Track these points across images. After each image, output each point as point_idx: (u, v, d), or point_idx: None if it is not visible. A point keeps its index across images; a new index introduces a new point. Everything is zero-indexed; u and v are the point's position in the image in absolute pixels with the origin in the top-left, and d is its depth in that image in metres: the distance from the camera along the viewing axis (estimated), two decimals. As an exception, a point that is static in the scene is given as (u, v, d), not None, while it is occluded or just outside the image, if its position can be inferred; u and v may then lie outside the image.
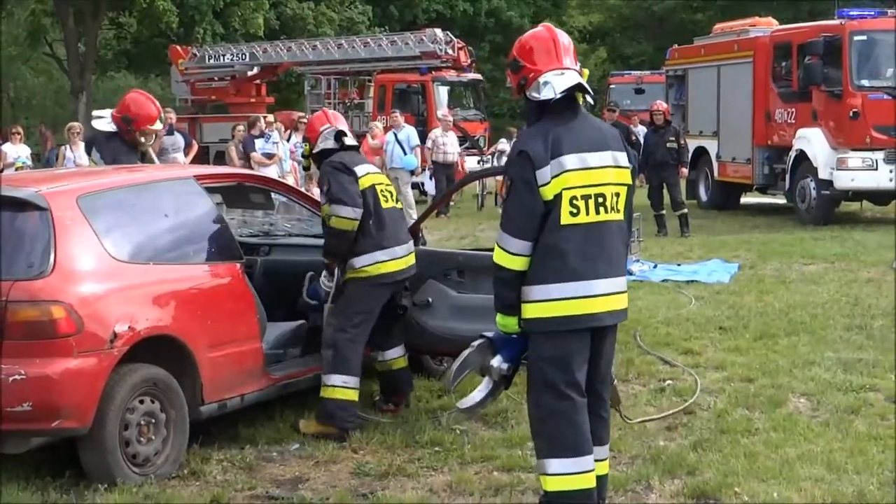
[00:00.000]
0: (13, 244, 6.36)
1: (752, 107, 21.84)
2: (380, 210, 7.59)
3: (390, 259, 7.56)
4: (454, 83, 29.64)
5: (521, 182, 5.40)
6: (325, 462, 6.90)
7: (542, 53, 5.59)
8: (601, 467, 5.67)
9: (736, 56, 22.57)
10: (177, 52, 34.47)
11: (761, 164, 21.65)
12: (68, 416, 6.15)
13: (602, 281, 5.43)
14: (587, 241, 5.40)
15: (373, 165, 7.89)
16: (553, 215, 5.37)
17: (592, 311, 5.41)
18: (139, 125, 9.20)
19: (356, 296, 7.54)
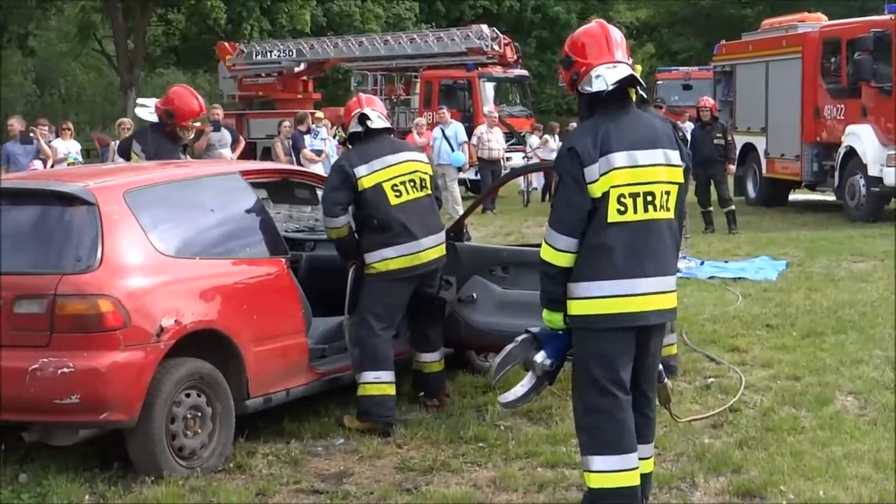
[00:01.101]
0: (61, 238, 6.45)
1: (800, 103, 21.67)
2: (387, 209, 7.51)
3: (399, 255, 7.51)
4: (500, 79, 29.60)
5: (570, 179, 5.38)
6: (370, 457, 6.91)
7: (594, 48, 5.57)
8: (645, 465, 5.66)
9: (784, 52, 22.39)
10: (224, 49, 34.65)
11: (810, 160, 21.47)
12: (116, 409, 6.21)
13: (649, 280, 5.40)
14: (634, 240, 5.37)
15: (389, 156, 7.66)
16: (600, 213, 5.35)
17: (638, 310, 5.39)
18: (180, 120, 9.23)
19: (372, 291, 7.57)
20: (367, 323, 7.51)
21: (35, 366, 6.08)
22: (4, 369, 6.15)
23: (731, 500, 5.95)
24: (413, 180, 7.70)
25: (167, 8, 45.59)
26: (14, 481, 6.42)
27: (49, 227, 6.55)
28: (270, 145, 23.48)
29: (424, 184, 7.77)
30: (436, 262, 7.69)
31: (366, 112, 7.75)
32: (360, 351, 7.53)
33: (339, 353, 7.80)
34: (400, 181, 7.64)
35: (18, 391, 6.12)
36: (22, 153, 17.91)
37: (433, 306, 7.83)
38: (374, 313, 7.52)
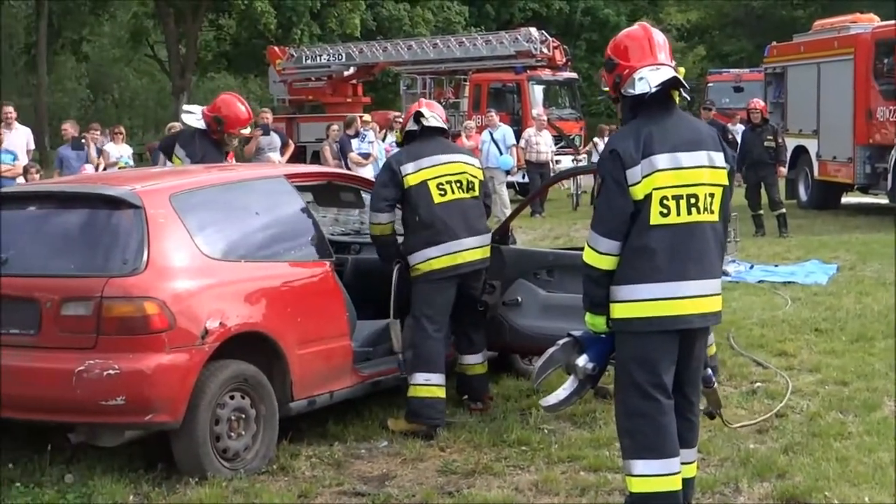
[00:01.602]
0: (108, 241, 6.53)
1: (853, 105, 21.45)
2: (430, 207, 7.57)
3: (442, 255, 7.54)
4: (549, 82, 29.55)
5: (612, 181, 5.37)
6: (413, 460, 6.93)
7: (637, 50, 5.55)
8: (688, 470, 5.62)
9: (836, 53, 22.20)
10: (274, 53, 34.83)
11: (863, 163, 21.26)
12: (160, 410, 6.25)
13: (692, 283, 5.37)
14: (677, 242, 5.34)
15: (440, 155, 7.73)
16: (643, 215, 5.32)
17: (681, 313, 5.35)
18: (228, 127, 9.31)
19: (419, 293, 7.61)
20: (421, 325, 7.55)
21: (81, 367, 6.14)
22: (52, 371, 6.23)
23: (768, 503, 5.92)
24: (460, 181, 7.72)
25: (218, 13, 45.98)
26: (60, 481, 6.47)
27: (96, 229, 6.62)
28: (319, 149, 23.59)
29: (472, 186, 7.79)
30: (478, 263, 7.70)
31: (422, 111, 7.85)
32: (413, 353, 7.56)
33: (383, 356, 7.82)
34: (446, 180, 7.67)
35: (65, 392, 6.17)
36: (74, 157, 18.12)
37: (476, 308, 7.84)
38: (426, 315, 7.56)
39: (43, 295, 6.35)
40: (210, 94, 55.54)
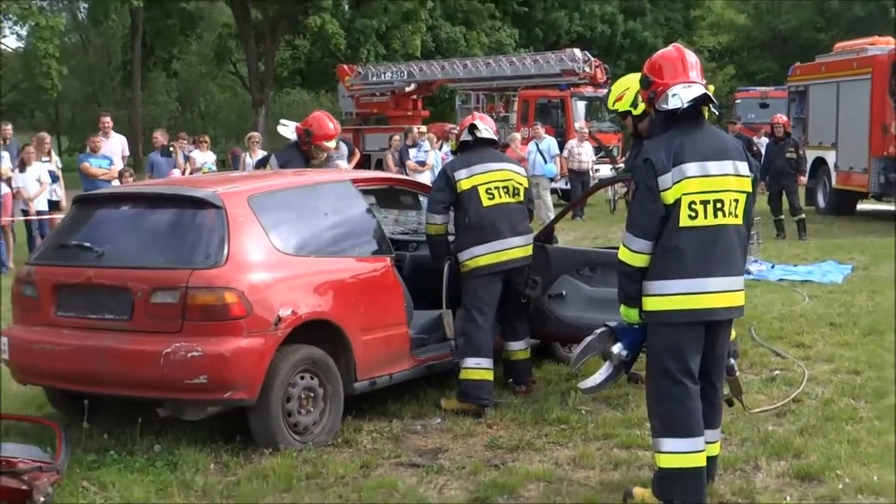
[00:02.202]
0: (193, 237, 6.59)
1: (869, 120, 21.19)
2: (479, 209, 7.60)
3: (488, 252, 7.57)
4: (591, 98, 29.40)
5: (645, 187, 5.38)
6: (463, 435, 6.95)
7: (671, 69, 5.56)
8: (712, 448, 5.63)
9: (855, 73, 21.95)
10: (343, 71, 34.98)
11: (877, 173, 21.00)
12: (238, 388, 6.32)
13: (716, 279, 5.36)
14: (704, 243, 5.34)
15: (490, 163, 7.78)
16: (673, 218, 5.33)
17: (706, 307, 5.36)
18: (316, 140, 9.38)
19: (469, 287, 7.65)
20: (472, 316, 7.59)
21: (168, 349, 6.22)
22: (142, 353, 6.32)
23: (792, 482, 5.86)
24: (507, 187, 7.75)
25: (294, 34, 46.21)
26: (149, 450, 6.57)
27: (182, 227, 6.69)
28: (382, 157, 23.69)
29: (518, 192, 7.81)
30: (521, 261, 7.72)
31: (476, 123, 7.91)
32: (464, 340, 7.59)
33: (437, 343, 7.85)
34: (494, 186, 7.70)
35: (154, 371, 6.26)
36: (164, 163, 18.28)
37: (520, 301, 7.86)
38: (476, 308, 7.59)
39: (135, 285, 6.43)
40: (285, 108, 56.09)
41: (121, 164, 17.38)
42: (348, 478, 6.11)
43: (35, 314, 6.91)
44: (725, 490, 5.73)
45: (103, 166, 16.64)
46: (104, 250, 6.74)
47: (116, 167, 16.94)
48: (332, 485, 5.99)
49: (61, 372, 6.70)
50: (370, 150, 30.12)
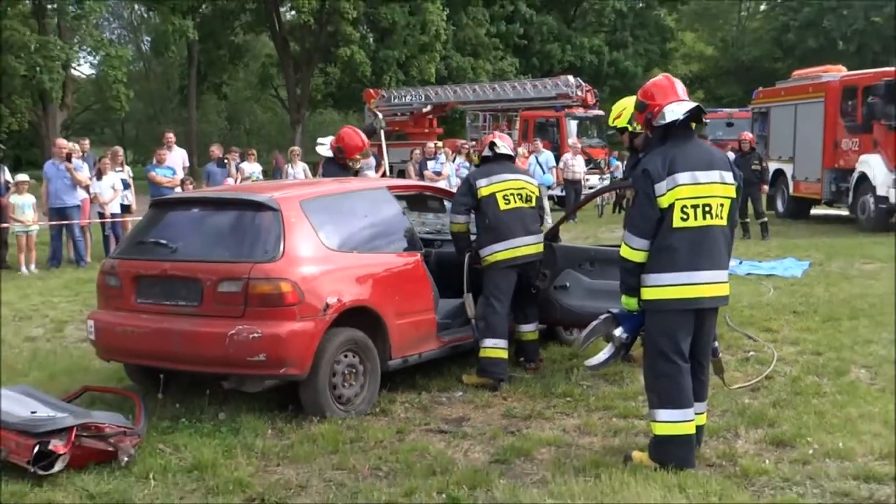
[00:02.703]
0: (253, 235, 6.59)
1: (822, 137, 21.14)
2: (496, 212, 7.60)
3: (505, 249, 7.56)
4: (582, 118, 29.40)
5: (643, 194, 5.38)
6: (482, 406, 6.94)
7: (662, 92, 5.57)
8: (700, 419, 5.63)
9: (810, 96, 21.87)
10: (369, 94, 34.92)
11: (829, 183, 20.96)
12: (292, 365, 6.33)
13: (704, 272, 5.36)
14: (694, 241, 5.34)
15: (507, 174, 7.78)
16: (667, 220, 5.33)
17: (696, 296, 5.36)
18: (348, 154, 9.36)
19: (488, 278, 7.63)
20: (490, 303, 7.59)
21: (232, 331, 6.23)
22: (210, 334, 6.32)
23: (768, 447, 5.84)
24: (521, 194, 7.75)
25: (326, 63, 46.19)
26: (215, 418, 6.59)
27: (244, 227, 6.68)
28: (404, 168, 23.65)
29: (530, 199, 7.81)
30: (533, 256, 7.71)
31: (495, 141, 7.96)
32: (483, 324, 7.58)
33: (460, 326, 7.83)
34: (510, 193, 7.70)
35: (220, 350, 6.27)
36: (219, 173, 18.30)
37: (530, 291, 7.85)
38: (494, 296, 7.59)
39: (204, 276, 6.43)
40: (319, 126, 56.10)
41: (182, 174, 17.39)
42: (386, 442, 6.11)
43: (117, 301, 6.92)
44: (711, 454, 5.70)
45: (168, 175, 16.64)
46: (177, 246, 6.75)
47: (179, 176, 16.96)
48: (373, 448, 5.98)
49: (140, 350, 6.71)
50: (392, 162, 29.91)
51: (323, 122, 59.40)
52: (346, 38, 41.45)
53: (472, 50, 47.19)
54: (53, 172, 15.85)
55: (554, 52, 50.16)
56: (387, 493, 5.15)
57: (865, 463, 5.48)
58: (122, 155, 18.16)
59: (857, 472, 5.32)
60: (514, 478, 5.39)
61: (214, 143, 23.47)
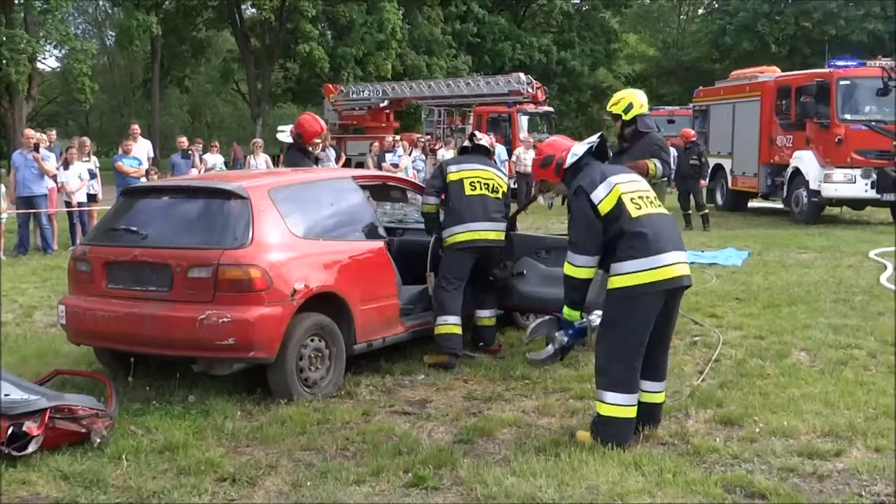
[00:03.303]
0: (223, 223, 6.46)
1: (759, 134, 21.37)
2: (461, 196, 7.59)
3: (464, 231, 7.54)
4: (532, 114, 29.37)
5: (580, 212, 5.47)
6: (444, 389, 6.89)
7: (558, 145, 5.91)
8: (659, 396, 5.67)
9: (747, 95, 22.11)
10: (328, 89, 34.63)
11: (765, 177, 21.21)
12: (260, 349, 6.24)
13: (671, 253, 5.38)
14: (655, 226, 5.38)
15: (479, 165, 7.79)
16: (623, 214, 5.33)
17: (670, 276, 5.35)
18: (306, 139, 9.26)
19: (445, 259, 7.62)
20: (443, 284, 7.58)
21: (202, 316, 6.11)
22: (181, 319, 6.20)
23: (717, 426, 5.86)
24: (488, 183, 7.73)
25: (286, 59, 45.82)
26: (185, 400, 6.46)
27: (213, 214, 6.55)
28: (362, 160, 23.54)
29: (497, 188, 7.78)
30: (492, 243, 7.67)
31: (475, 133, 8.08)
32: (437, 303, 7.57)
33: (421, 311, 7.78)
34: (477, 181, 7.69)
35: (190, 334, 6.15)
36: (183, 163, 18.07)
37: (488, 279, 7.82)
38: (447, 278, 7.58)
39: (174, 262, 6.31)
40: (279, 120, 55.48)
41: (147, 164, 17.11)
42: (352, 423, 6.03)
43: (88, 286, 6.76)
44: (664, 433, 5.70)
45: (134, 165, 16.34)
46: (148, 233, 6.60)
47: (144, 166, 16.68)
48: (340, 429, 5.91)
49: (111, 334, 6.56)
50: (351, 155, 29.85)
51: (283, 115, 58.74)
52: (305, 35, 41.14)
53: (427, 48, 47.07)
54: (21, 162, 15.48)
55: (505, 50, 50.19)
56: (355, 473, 5.08)
57: (809, 440, 5.52)
58: (89, 145, 17.81)
59: (801, 449, 5.35)
60: (477, 457, 5.35)
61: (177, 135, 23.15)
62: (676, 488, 4.78)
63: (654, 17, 66.45)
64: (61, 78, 49.38)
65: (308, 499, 4.78)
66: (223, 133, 63.28)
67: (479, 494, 4.76)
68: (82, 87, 35.77)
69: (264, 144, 21.15)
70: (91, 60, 39.29)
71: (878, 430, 5.64)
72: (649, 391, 5.61)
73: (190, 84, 54.04)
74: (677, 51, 60.89)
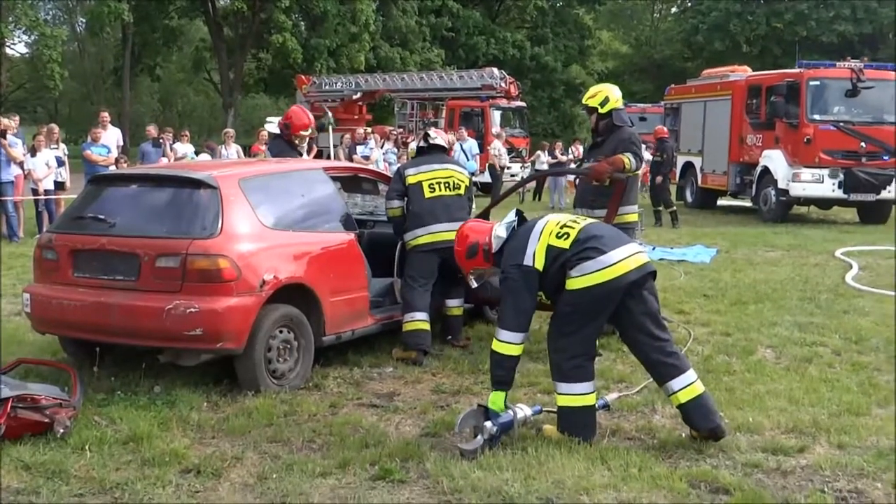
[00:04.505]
0: (192, 212, 6.41)
1: (729, 132, 21.56)
2: (421, 199, 7.59)
3: (426, 234, 7.54)
4: (505, 108, 29.43)
5: (517, 288, 5.39)
6: (412, 382, 6.88)
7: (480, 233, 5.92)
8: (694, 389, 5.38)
9: (718, 94, 22.27)
10: (301, 80, 34.48)
11: (734, 175, 21.39)
12: (228, 340, 6.19)
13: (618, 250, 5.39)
14: (593, 231, 5.47)
15: (436, 164, 7.76)
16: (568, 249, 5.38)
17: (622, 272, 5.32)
18: (293, 130, 9.23)
19: (410, 260, 7.63)
20: (408, 283, 7.58)
21: (170, 306, 6.05)
22: (148, 308, 6.14)
23: (682, 421, 5.85)
24: (448, 183, 7.72)
25: (259, 49, 45.54)
26: (150, 391, 6.40)
27: (183, 204, 6.49)
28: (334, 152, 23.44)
29: (458, 187, 7.76)
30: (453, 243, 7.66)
31: (429, 132, 7.99)
32: (403, 301, 7.57)
33: (390, 304, 7.76)
34: (437, 182, 7.66)
35: (157, 324, 6.09)
36: (153, 152, 17.90)
37: (455, 275, 7.81)
38: (412, 277, 7.58)
39: (142, 251, 6.24)
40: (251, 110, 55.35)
41: (116, 153, 16.95)
42: (319, 416, 5.99)
43: (54, 274, 6.67)
44: (630, 428, 5.72)
45: (102, 154, 16.21)
46: (115, 222, 6.52)
47: (113, 155, 16.53)
48: (307, 421, 5.87)
49: (77, 323, 6.48)
50: (323, 146, 29.75)
51: (255, 106, 58.62)
52: (278, 25, 40.93)
53: (401, 40, 46.96)
54: (-13, 148, 15.29)
55: (479, 45, 50.20)
56: (321, 465, 5.05)
57: (773, 436, 5.56)
58: (57, 132, 17.63)
59: (766, 445, 5.39)
60: (444, 450, 5.33)
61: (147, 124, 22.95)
62: (642, 483, 4.80)
63: (627, 15, 66.74)
64: (30, 64, 48.80)
65: (273, 491, 4.75)
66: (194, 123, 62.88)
67: (446, 488, 4.76)
68: (52, 74, 35.41)
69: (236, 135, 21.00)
70: (61, 47, 38.85)
71: (840, 426, 5.70)
72: (679, 389, 5.37)
73: (161, 72, 53.56)
74: (650, 48, 61.23)
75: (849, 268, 12.48)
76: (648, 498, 4.65)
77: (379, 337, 7.69)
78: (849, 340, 8.06)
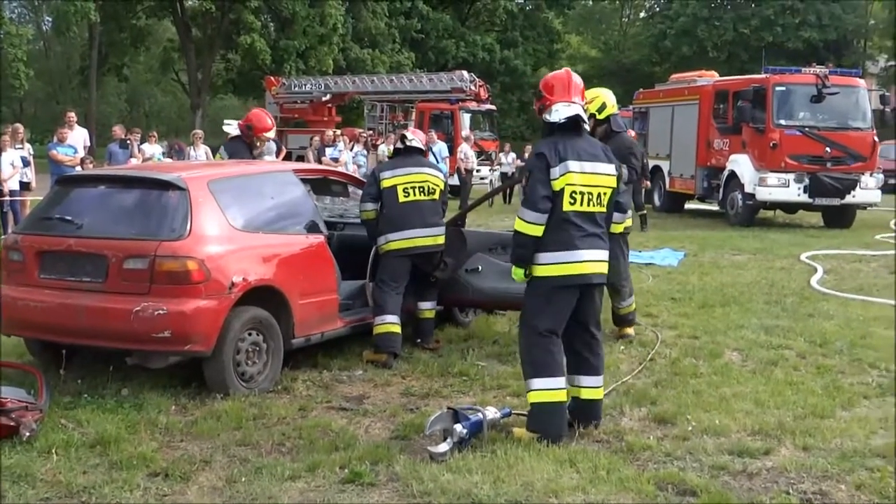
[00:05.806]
0: (160, 214, 6.36)
1: (696, 137, 21.70)
2: (395, 204, 7.59)
3: (399, 238, 7.56)
4: (475, 111, 29.51)
5: (538, 172, 5.46)
6: (382, 385, 6.87)
7: (558, 89, 5.63)
8: (597, 392, 5.75)
9: (686, 99, 22.44)
10: (270, 82, 34.38)
11: (702, 179, 21.54)
12: (196, 342, 6.16)
13: (587, 251, 5.49)
14: (578, 224, 5.46)
15: (412, 167, 7.75)
16: (557, 203, 5.42)
17: (581, 272, 5.48)
18: (256, 133, 9.21)
19: (383, 264, 7.63)
20: (380, 287, 7.58)
21: (138, 308, 6.01)
22: (115, 310, 6.09)
23: (651, 424, 5.93)
24: (423, 187, 7.71)
25: (227, 50, 45.33)
26: (118, 394, 6.35)
27: (151, 205, 6.44)
28: (303, 154, 23.38)
29: (432, 191, 7.77)
30: (429, 248, 7.69)
31: (406, 134, 7.98)
32: (374, 304, 7.57)
33: (360, 307, 7.75)
34: (411, 186, 7.66)
35: (125, 326, 6.04)
36: (121, 153, 17.75)
37: (428, 279, 7.84)
38: (383, 280, 7.57)
39: (110, 252, 6.19)
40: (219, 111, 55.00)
41: (83, 153, 16.78)
42: (289, 419, 5.98)
43: (20, 275, 6.59)
44: (599, 431, 5.75)
45: (69, 154, 16.04)
46: (83, 223, 6.46)
47: (79, 155, 16.36)
48: (276, 424, 5.85)
49: (44, 325, 6.42)
50: (291, 148, 29.59)
51: (223, 107, 58.26)
52: (247, 26, 40.78)
53: (371, 42, 46.92)
54: (-49, 148, 15.09)
55: (449, 48, 50.31)
56: (290, 468, 5.04)
57: (739, 439, 5.61)
58: (22, 132, 17.40)
59: (732, 447, 5.44)
60: (413, 453, 5.34)
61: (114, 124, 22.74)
62: (610, 485, 4.83)
63: (596, 19, 67.12)
64: (-5, 63, 48.19)
65: (242, 494, 4.73)
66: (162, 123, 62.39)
67: (415, 490, 4.76)
68: (17, 73, 35.07)
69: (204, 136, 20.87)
70: (26, 46, 38.43)
71: (805, 429, 5.76)
72: (586, 386, 5.69)
73: (128, 73, 53.13)
74: (619, 53, 61.64)
75: (814, 271, 12.62)
76: (616, 500, 4.68)
77: (348, 340, 7.67)
78: (814, 343, 8.15)
